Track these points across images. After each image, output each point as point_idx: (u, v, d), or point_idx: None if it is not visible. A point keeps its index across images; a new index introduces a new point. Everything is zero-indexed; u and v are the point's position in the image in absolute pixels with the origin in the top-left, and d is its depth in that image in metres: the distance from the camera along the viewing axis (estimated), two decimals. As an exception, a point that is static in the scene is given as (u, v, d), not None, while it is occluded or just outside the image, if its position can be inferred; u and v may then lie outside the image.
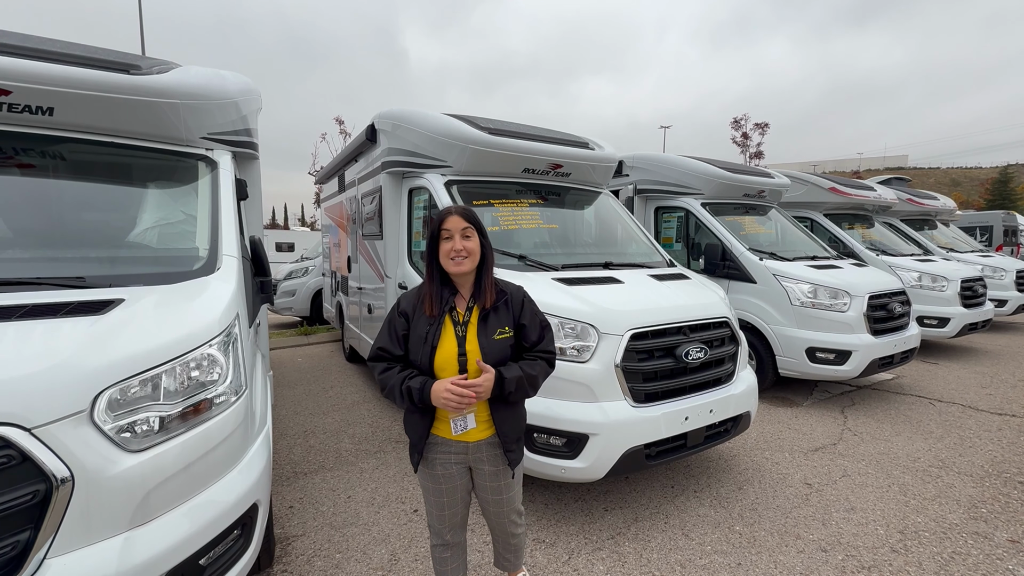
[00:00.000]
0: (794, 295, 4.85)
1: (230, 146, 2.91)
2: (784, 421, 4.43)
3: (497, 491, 1.80)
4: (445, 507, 1.79)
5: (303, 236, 18.86)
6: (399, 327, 1.68)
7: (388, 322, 1.71)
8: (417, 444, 1.72)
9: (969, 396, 5.10)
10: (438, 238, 1.66)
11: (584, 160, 4.28)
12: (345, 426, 4.40)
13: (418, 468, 1.78)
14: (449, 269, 1.66)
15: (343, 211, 6.34)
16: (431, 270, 1.69)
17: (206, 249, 2.28)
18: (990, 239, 14.29)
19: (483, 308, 1.68)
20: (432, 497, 1.79)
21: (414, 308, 1.68)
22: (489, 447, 1.74)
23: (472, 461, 1.76)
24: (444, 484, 1.76)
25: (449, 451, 1.73)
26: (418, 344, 1.64)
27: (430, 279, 1.69)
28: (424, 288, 1.69)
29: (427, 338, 1.63)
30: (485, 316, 1.68)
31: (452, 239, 1.64)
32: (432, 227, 1.69)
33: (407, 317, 1.68)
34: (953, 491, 3.18)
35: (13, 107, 2.21)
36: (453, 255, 1.63)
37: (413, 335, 1.65)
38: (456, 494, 1.79)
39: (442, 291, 1.68)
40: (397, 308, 1.71)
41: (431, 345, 1.62)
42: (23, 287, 1.81)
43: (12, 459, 1.31)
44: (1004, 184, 57.69)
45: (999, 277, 8.33)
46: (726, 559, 2.51)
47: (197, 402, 1.66)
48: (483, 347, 1.64)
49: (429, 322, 1.65)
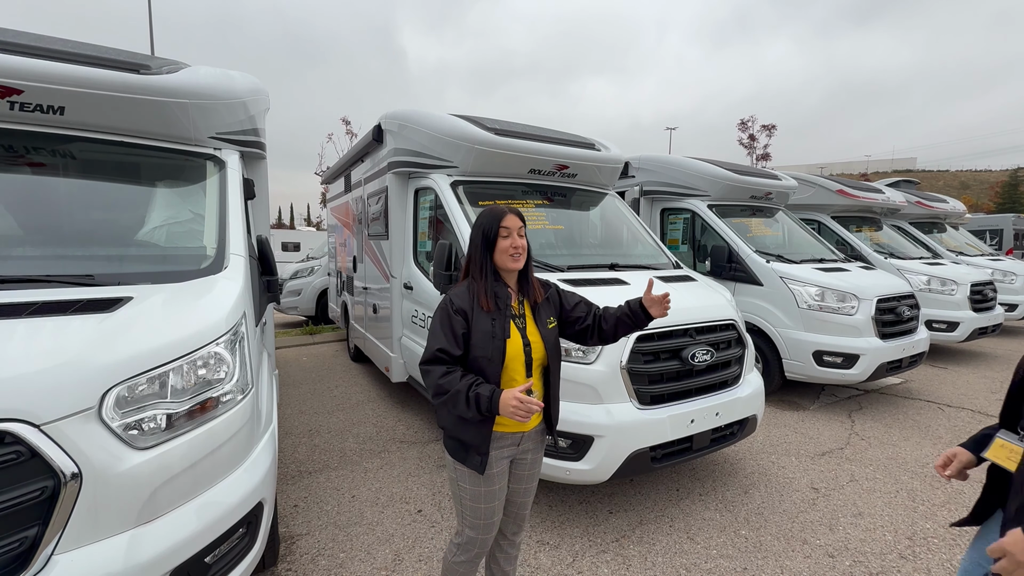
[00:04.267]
0: (801, 298, 4.81)
1: (238, 146, 2.93)
2: (791, 425, 4.39)
3: (532, 478, 1.86)
4: (494, 512, 1.75)
5: (309, 236, 18.94)
6: (458, 326, 1.62)
7: (444, 322, 1.63)
8: (482, 446, 1.66)
9: (978, 401, 5.04)
10: (495, 236, 1.70)
11: (590, 161, 4.27)
12: (349, 425, 4.41)
13: (483, 471, 1.69)
14: (508, 266, 1.71)
15: (349, 211, 6.36)
16: (484, 268, 1.71)
17: (213, 248, 2.30)
18: (1000, 243, 14.14)
19: (534, 301, 1.77)
20: (483, 503, 1.72)
21: (471, 306, 1.66)
22: (537, 433, 1.82)
23: (519, 452, 1.78)
24: (498, 483, 1.73)
25: (504, 445, 1.72)
26: (485, 339, 1.63)
27: (483, 276, 1.70)
28: (476, 285, 1.70)
29: (495, 332, 1.64)
30: (535, 308, 1.77)
31: (511, 236, 1.69)
32: (488, 226, 1.71)
33: (465, 315, 1.64)
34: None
35: (25, 106, 2.23)
36: (513, 252, 1.69)
37: (476, 331, 1.64)
38: (503, 494, 1.77)
39: (496, 287, 1.71)
40: (451, 307, 1.65)
41: (502, 339, 1.64)
42: (33, 285, 1.83)
43: (21, 455, 1.32)
44: (1014, 187, 57.12)
45: (1009, 281, 8.24)
46: (732, 563, 2.49)
47: (204, 400, 1.67)
48: (543, 336, 1.74)
49: (492, 317, 1.66)
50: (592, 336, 1.90)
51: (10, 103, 2.19)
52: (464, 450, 1.68)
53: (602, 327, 1.88)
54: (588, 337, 1.90)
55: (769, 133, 39.60)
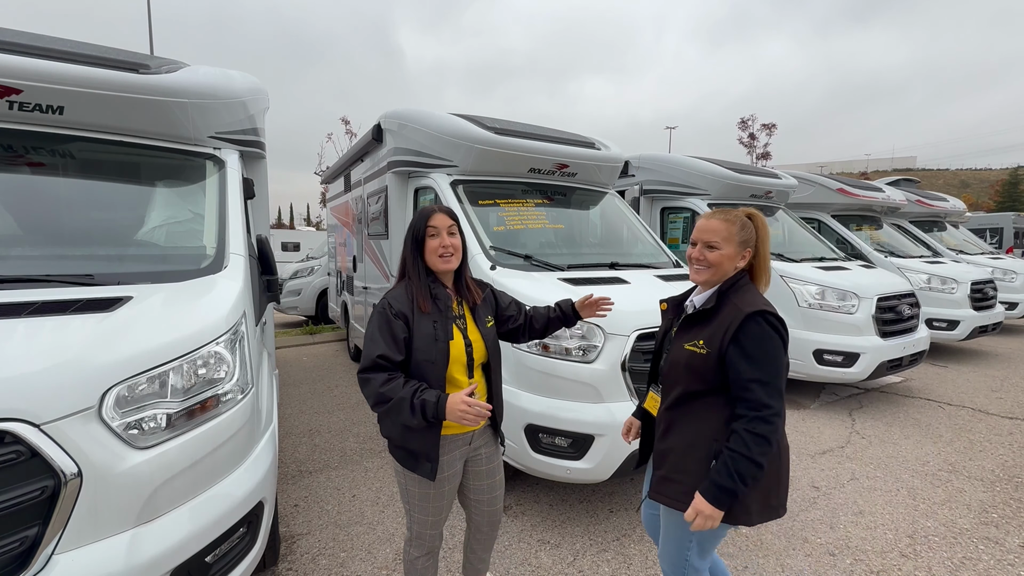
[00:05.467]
0: (801, 296, 4.81)
1: (237, 145, 2.93)
2: (791, 423, 4.39)
3: (493, 472, 1.85)
4: (443, 510, 1.77)
5: (309, 236, 18.93)
6: (399, 330, 1.58)
7: (383, 327, 1.58)
8: (431, 452, 1.62)
9: (979, 400, 5.04)
10: (422, 236, 1.68)
11: (590, 160, 4.27)
12: (350, 425, 4.41)
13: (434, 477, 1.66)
14: (438, 267, 1.69)
15: (349, 211, 6.36)
16: (416, 268, 1.69)
17: (213, 247, 2.29)
18: (1000, 241, 14.15)
19: (472, 302, 1.77)
20: (431, 503, 1.72)
21: (411, 309, 1.62)
22: (485, 432, 1.82)
23: (472, 450, 1.78)
24: (447, 485, 1.73)
25: (455, 447, 1.72)
26: (428, 342, 1.60)
27: (417, 277, 1.67)
28: (412, 288, 1.66)
29: (437, 334, 1.62)
30: (474, 309, 1.78)
31: (439, 235, 1.67)
32: (416, 226, 1.69)
33: (406, 319, 1.60)
34: (963, 496, 3.14)
35: (24, 106, 2.23)
36: (441, 252, 1.67)
37: (418, 335, 1.60)
38: (453, 492, 1.79)
39: (433, 288, 1.69)
40: (390, 310, 1.60)
41: (445, 341, 1.63)
42: (33, 284, 1.83)
43: (21, 455, 1.32)
44: (1014, 186, 57.11)
45: (1010, 280, 8.23)
46: (732, 562, 2.49)
47: (204, 399, 1.67)
48: (483, 335, 1.74)
49: (434, 319, 1.63)
50: (524, 334, 1.96)
51: (9, 103, 2.19)
52: (413, 459, 1.64)
53: (533, 326, 1.95)
54: (520, 335, 1.96)
55: (769, 132, 39.55)
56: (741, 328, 1.40)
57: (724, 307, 1.48)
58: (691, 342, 1.50)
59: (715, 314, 1.49)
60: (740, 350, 1.40)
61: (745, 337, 1.40)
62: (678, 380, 1.53)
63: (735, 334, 1.40)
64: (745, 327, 1.40)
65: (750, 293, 1.50)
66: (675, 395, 1.54)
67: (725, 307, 1.48)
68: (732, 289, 1.51)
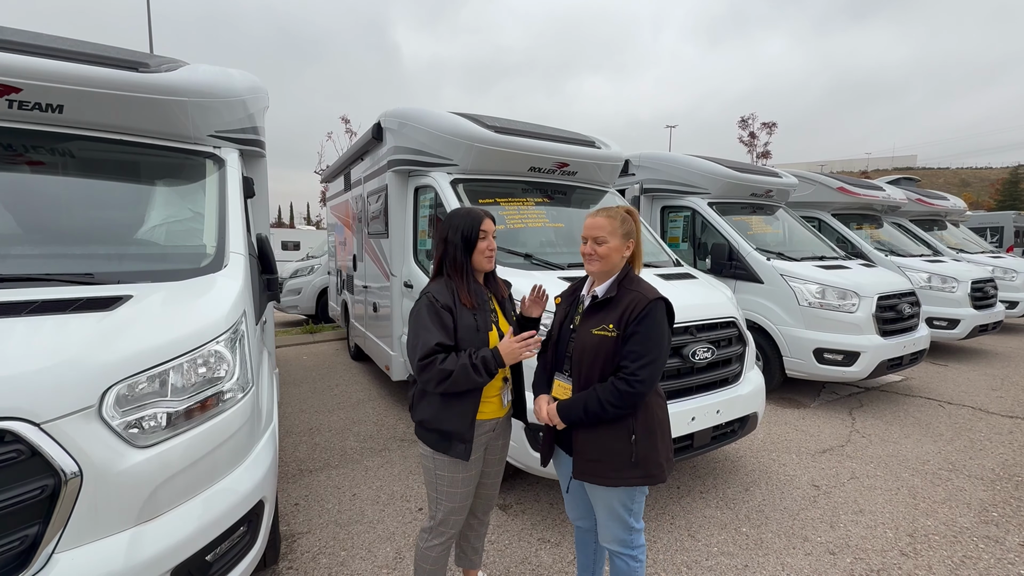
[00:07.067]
0: (802, 295, 4.81)
1: (237, 144, 2.92)
2: (791, 422, 4.39)
3: (500, 462, 2.00)
4: (470, 495, 1.86)
5: (308, 235, 18.93)
6: (447, 320, 1.72)
7: (434, 317, 1.71)
8: (467, 432, 1.74)
9: (979, 399, 5.04)
10: (475, 238, 1.80)
11: (591, 159, 4.26)
12: (350, 424, 4.41)
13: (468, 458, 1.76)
14: (484, 267, 1.86)
15: (349, 209, 6.35)
16: (464, 267, 1.81)
17: (213, 246, 2.29)
18: (1000, 240, 14.13)
19: (500, 297, 1.96)
20: (460, 488, 1.81)
21: (453, 302, 1.76)
22: (506, 420, 1.96)
23: (492, 438, 1.89)
24: (474, 469, 1.82)
25: (484, 432, 1.82)
26: (471, 332, 1.75)
27: (462, 275, 1.81)
28: (455, 284, 1.80)
29: (479, 326, 1.77)
30: (502, 303, 1.96)
31: (487, 239, 1.83)
32: (468, 228, 1.80)
33: (451, 311, 1.74)
34: (963, 494, 3.14)
35: (23, 104, 2.22)
36: (489, 254, 1.84)
37: (461, 326, 1.74)
38: (478, 477, 1.88)
39: (474, 285, 1.84)
40: (438, 304, 1.73)
41: (485, 332, 1.78)
42: (32, 283, 1.83)
43: (21, 454, 1.32)
44: (1015, 184, 57.08)
45: (1010, 279, 8.23)
46: (732, 561, 2.49)
47: (204, 398, 1.67)
48: (511, 325, 1.91)
49: (474, 313, 1.78)
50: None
51: (9, 102, 2.19)
52: (447, 440, 1.75)
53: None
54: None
55: (769, 131, 39.46)
56: (645, 311, 1.61)
57: (626, 295, 1.68)
58: (599, 327, 1.68)
59: (618, 301, 1.68)
60: (638, 329, 1.61)
61: (647, 318, 1.61)
62: (593, 363, 1.67)
63: (639, 315, 1.61)
64: (649, 311, 1.61)
65: (644, 283, 1.73)
66: (589, 377, 1.68)
67: (627, 295, 1.68)
68: (627, 279, 1.73)
